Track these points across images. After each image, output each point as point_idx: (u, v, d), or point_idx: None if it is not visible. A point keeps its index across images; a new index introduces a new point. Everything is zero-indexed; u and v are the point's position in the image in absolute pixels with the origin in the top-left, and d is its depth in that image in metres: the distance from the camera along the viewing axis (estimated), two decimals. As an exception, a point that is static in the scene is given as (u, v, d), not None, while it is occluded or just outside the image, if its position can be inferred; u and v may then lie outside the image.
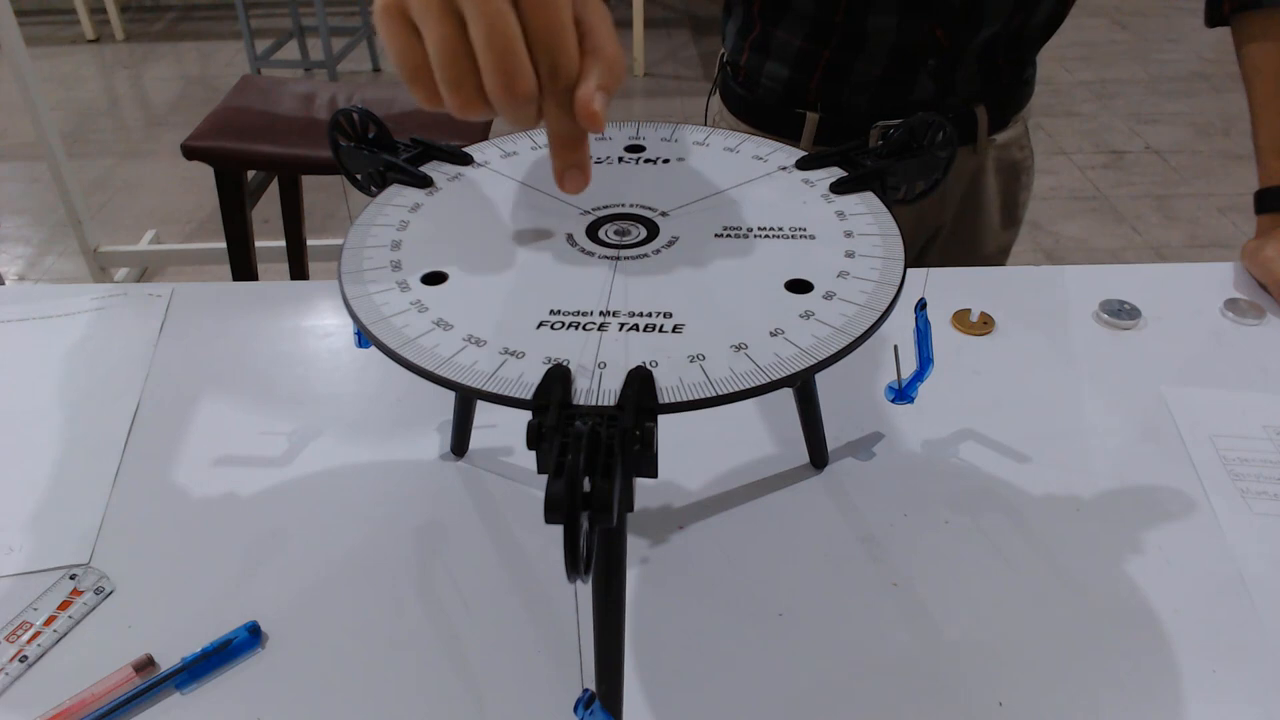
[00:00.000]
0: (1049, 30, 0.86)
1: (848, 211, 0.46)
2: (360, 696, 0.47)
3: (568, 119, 0.38)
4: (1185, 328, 0.70)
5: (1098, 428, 0.62)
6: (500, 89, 0.36)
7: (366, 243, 0.44)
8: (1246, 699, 0.46)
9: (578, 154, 0.40)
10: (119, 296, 0.75)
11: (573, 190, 0.41)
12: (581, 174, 0.40)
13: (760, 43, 0.86)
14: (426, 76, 0.38)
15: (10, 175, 2.86)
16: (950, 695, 0.46)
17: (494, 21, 0.35)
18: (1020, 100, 0.91)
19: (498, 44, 0.35)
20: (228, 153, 1.57)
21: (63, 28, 4.04)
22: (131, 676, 0.47)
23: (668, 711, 0.46)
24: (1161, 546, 0.54)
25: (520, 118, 0.38)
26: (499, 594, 0.52)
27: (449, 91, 0.37)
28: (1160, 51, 3.59)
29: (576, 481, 0.30)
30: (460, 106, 0.37)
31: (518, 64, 0.36)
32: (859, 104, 0.85)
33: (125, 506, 0.57)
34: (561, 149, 0.40)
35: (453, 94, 0.37)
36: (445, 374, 0.36)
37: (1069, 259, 2.37)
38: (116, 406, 0.64)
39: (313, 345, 0.71)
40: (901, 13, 0.78)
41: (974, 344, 0.69)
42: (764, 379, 0.35)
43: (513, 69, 0.36)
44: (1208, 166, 2.78)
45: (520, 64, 0.36)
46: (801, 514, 0.56)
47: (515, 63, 0.36)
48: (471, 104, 0.37)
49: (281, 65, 3.50)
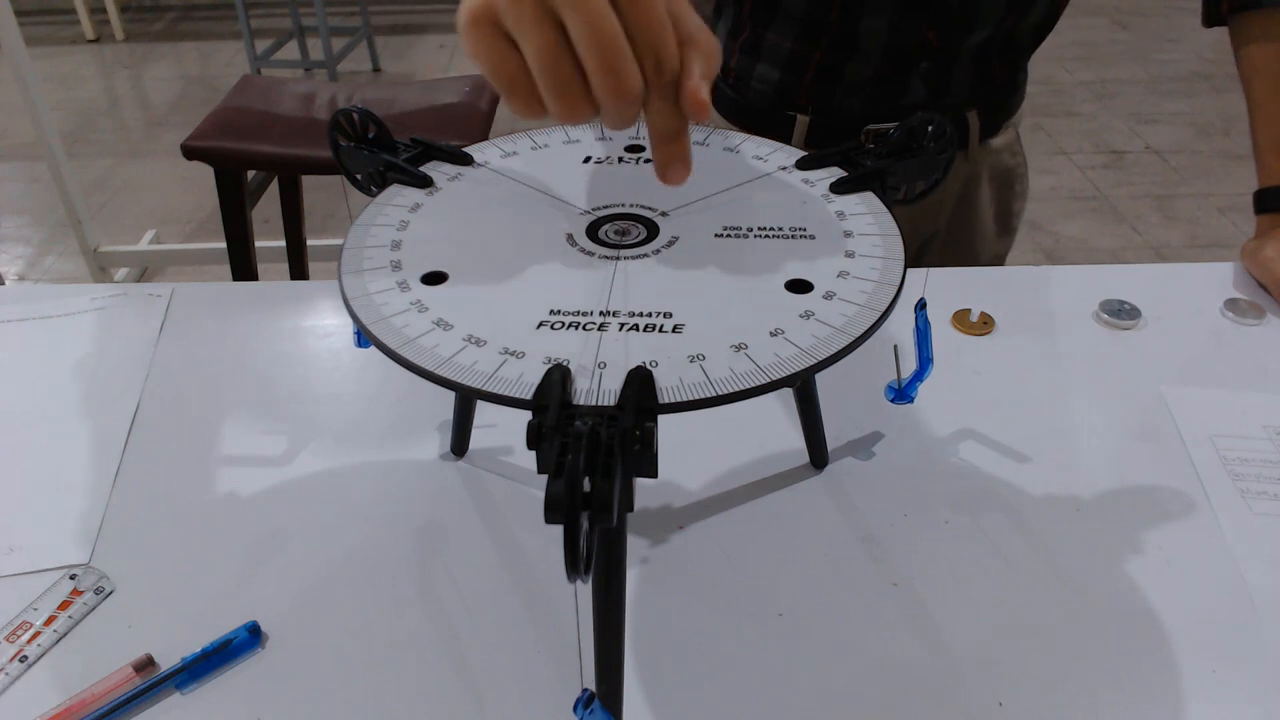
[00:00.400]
0: (1041, 34, 0.86)
1: (848, 211, 0.46)
2: (360, 696, 0.47)
3: (671, 113, 0.38)
4: (1185, 328, 0.70)
5: (1098, 428, 0.62)
6: (609, 90, 0.36)
7: (366, 243, 0.44)
8: (1246, 699, 0.46)
9: (682, 146, 0.40)
10: (119, 296, 0.75)
11: (676, 182, 0.41)
12: (685, 166, 0.40)
13: (750, 44, 0.86)
14: (525, 85, 0.37)
15: (10, 175, 2.86)
16: (950, 695, 0.46)
17: (597, 22, 0.35)
18: (1012, 106, 0.91)
19: (604, 45, 0.35)
20: (228, 153, 1.57)
21: (63, 28, 4.04)
22: (131, 676, 0.47)
23: (668, 711, 0.46)
24: (1161, 546, 0.54)
25: (625, 117, 0.37)
26: (499, 594, 0.52)
27: (554, 98, 0.37)
28: (1160, 51, 3.59)
29: (576, 481, 0.30)
30: (566, 111, 0.37)
31: (625, 63, 0.36)
32: (850, 107, 0.84)
33: (125, 506, 0.57)
34: (664, 143, 0.40)
35: (558, 100, 0.37)
36: (445, 374, 0.36)
37: (1069, 259, 2.37)
38: (116, 406, 0.64)
39: (313, 345, 0.71)
40: (894, 14, 0.78)
41: (974, 344, 0.69)
42: (764, 379, 0.35)
43: (621, 69, 0.35)
44: (1208, 166, 2.78)
45: (627, 63, 0.36)
46: (801, 514, 0.56)
47: (623, 62, 0.35)
48: (578, 108, 0.37)
49: (281, 65, 3.50)
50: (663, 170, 0.40)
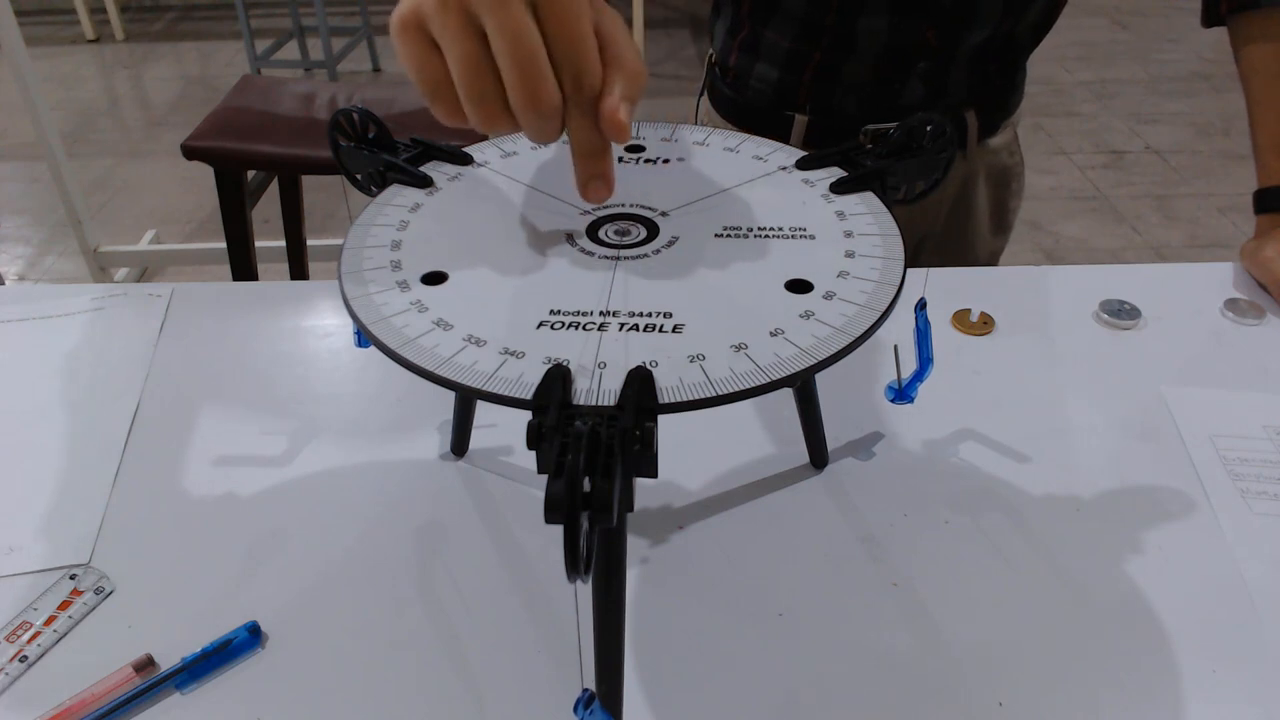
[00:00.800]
0: (1039, 34, 0.86)
1: (848, 211, 0.46)
2: (360, 696, 0.47)
3: (592, 130, 0.38)
4: (1185, 328, 0.70)
5: (1098, 428, 0.62)
6: (525, 102, 0.36)
7: (366, 243, 0.44)
8: (1246, 699, 0.46)
9: (602, 164, 0.40)
10: (119, 296, 0.75)
11: (596, 200, 0.41)
12: (605, 184, 0.41)
13: (749, 43, 0.86)
14: (448, 92, 0.37)
15: (10, 175, 2.86)
16: (950, 695, 0.46)
17: (517, 35, 0.35)
18: (1010, 106, 0.91)
19: (521, 57, 0.35)
20: (228, 153, 1.57)
21: (63, 28, 4.04)
22: (131, 676, 0.47)
23: (668, 711, 0.46)
24: (1161, 546, 0.54)
25: (544, 131, 0.38)
26: (499, 594, 0.52)
27: (472, 107, 0.37)
28: (1160, 51, 3.59)
29: (576, 481, 0.30)
30: (484, 121, 0.37)
31: (542, 77, 0.36)
32: (848, 107, 0.84)
33: (125, 506, 0.57)
34: (586, 160, 0.40)
35: (476, 109, 0.37)
36: (445, 374, 0.36)
37: (1069, 259, 2.37)
38: (116, 406, 0.64)
39: (313, 345, 0.71)
40: (892, 14, 0.78)
41: (974, 344, 0.69)
42: (764, 379, 0.35)
43: (537, 82, 0.36)
44: (1208, 166, 2.78)
45: (545, 77, 0.36)
46: (801, 514, 0.56)
47: (539, 75, 0.36)
48: (495, 118, 0.37)
49: (281, 65, 3.50)
50: (582, 188, 0.41)
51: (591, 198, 0.41)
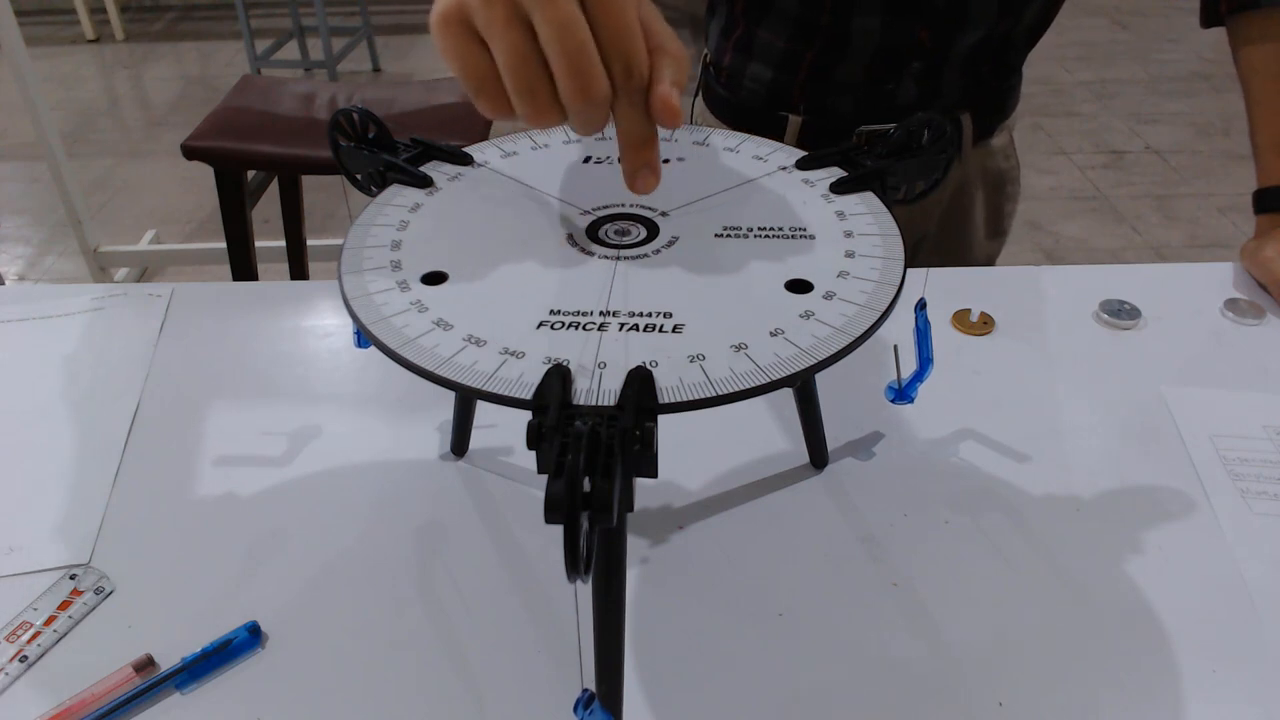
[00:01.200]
0: (1034, 37, 0.85)
1: (848, 211, 0.46)
2: (360, 696, 0.47)
3: (640, 119, 0.38)
4: (1185, 328, 0.70)
5: (1098, 428, 0.62)
6: (576, 93, 0.36)
7: (366, 243, 0.44)
8: (1246, 699, 0.46)
9: (649, 153, 0.40)
10: (119, 296, 0.75)
11: (644, 190, 0.41)
12: (653, 173, 0.40)
13: (743, 43, 0.85)
14: (494, 86, 0.37)
15: (10, 175, 2.86)
16: (950, 695, 0.46)
17: (566, 25, 0.35)
18: (1006, 109, 0.91)
19: (571, 48, 0.35)
20: (228, 153, 1.57)
21: (63, 28, 4.04)
22: (131, 676, 0.47)
23: (668, 711, 0.46)
24: (1161, 546, 0.54)
25: (592, 122, 0.37)
26: (499, 594, 0.52)
27: (521, 100, 0.37)
28: (1160, 51, 3.59)
29: (576, 481, 0.30)
30: (533, 114, 0.37)
31: (592, 67, 0.36)
32: (842, 107, 0.84)
33: (125, 506, 0.57)
34: (634, 150, 0.40)
35: (525, 102, 0.37)
36: (445, 374, 0.36)
37: (1069, 259, 2.37)
38: (116, 406, 0.64)
39: (313, 345, 0.71)
40: (886, 13, 0.78)
41: (974, 344, 0.69)
42: (764, 379, 0.35)
43: (588, 72, 0.36)
44: (1208, 166, 2.78)
45: (595, 67, 0.36)
46: (801, 514, 0.56)
47: (589, 66, 0.36)
48: (545, 111, 0.37)
49: (281, 65, 3.50)
50: (631, 178, 0.41)
51: (639, 188, 0.41)
